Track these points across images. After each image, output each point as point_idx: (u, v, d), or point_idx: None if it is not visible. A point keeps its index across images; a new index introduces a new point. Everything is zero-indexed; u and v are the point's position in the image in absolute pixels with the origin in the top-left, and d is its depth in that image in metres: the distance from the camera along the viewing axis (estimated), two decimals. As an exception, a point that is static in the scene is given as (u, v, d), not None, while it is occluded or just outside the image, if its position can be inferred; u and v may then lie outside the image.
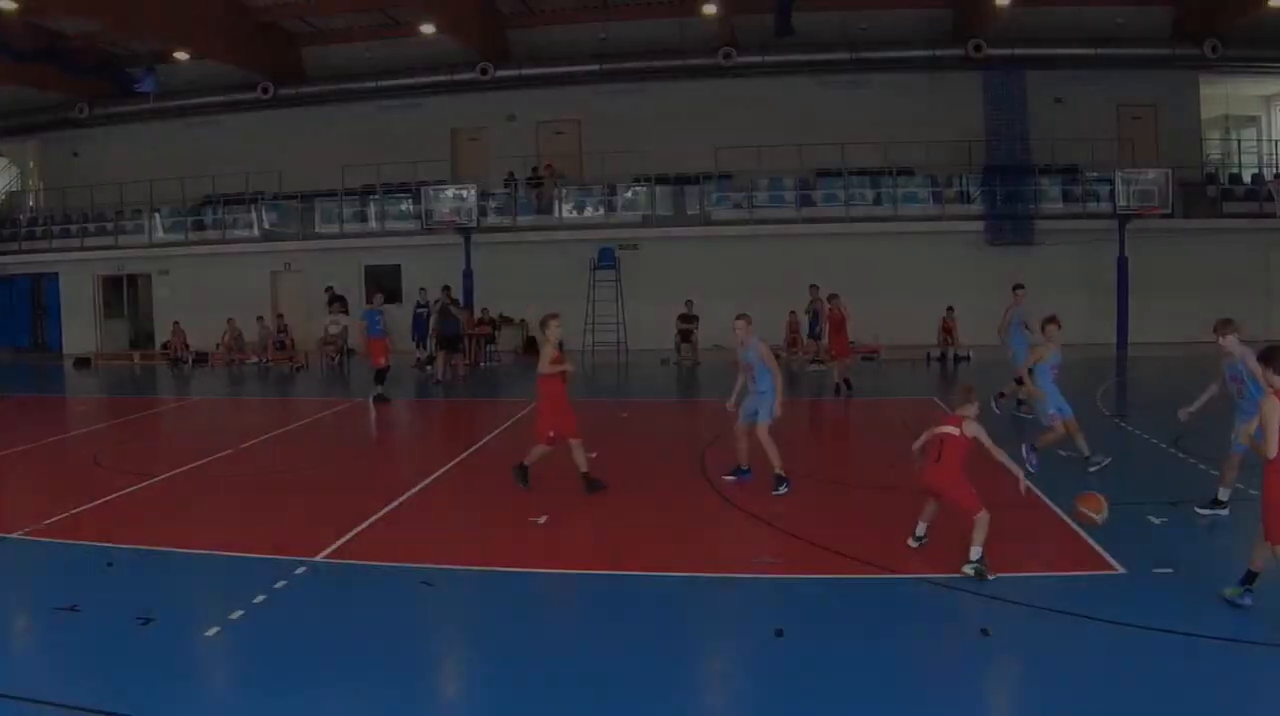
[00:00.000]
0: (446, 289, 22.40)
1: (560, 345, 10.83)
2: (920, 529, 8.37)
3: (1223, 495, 9.27)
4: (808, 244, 26.59)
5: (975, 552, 7.65)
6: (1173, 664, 6.30)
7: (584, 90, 27.40)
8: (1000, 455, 7.97)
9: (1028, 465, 9.40)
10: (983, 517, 7.67)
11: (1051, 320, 11.48)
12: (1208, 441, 12.52)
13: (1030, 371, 11.38)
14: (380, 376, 18.20)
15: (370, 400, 18.02)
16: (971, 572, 7.61)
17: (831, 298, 18.98)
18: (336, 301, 25.47)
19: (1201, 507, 9.38)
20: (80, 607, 7.19)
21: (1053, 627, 6.93)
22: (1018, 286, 16.92)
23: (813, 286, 23.07)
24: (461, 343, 23.18)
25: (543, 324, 10.81)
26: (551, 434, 10.53)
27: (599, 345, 26.02)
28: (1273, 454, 6.69)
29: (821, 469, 12.19)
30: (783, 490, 10.46)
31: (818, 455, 13.56)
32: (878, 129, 26.58)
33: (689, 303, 25.10)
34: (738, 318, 10.87)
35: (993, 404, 15.55)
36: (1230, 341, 9.08)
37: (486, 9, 26.71)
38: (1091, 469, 11.02)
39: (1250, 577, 6.92)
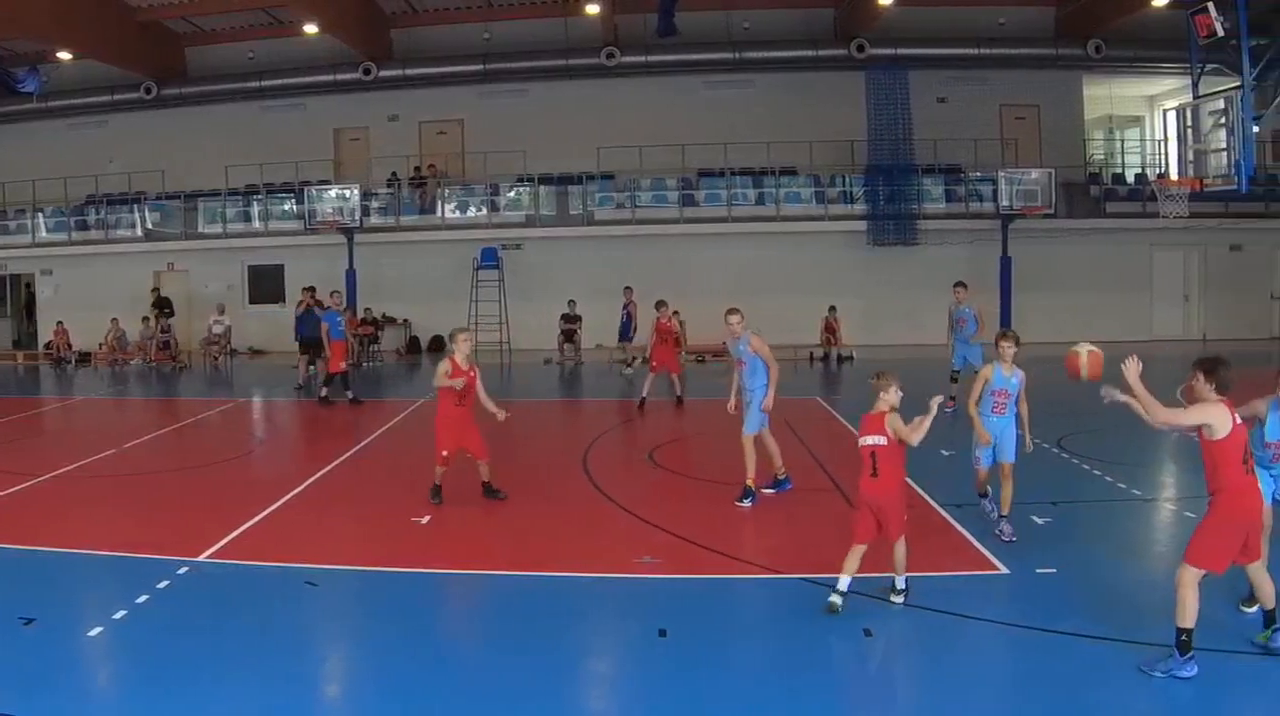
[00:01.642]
0: (309, 290, 22.25)
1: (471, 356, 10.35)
2: (844, 583, 7.02)
3: None
4: (690, 244, 26.59)
5: (903, 582, 7.23)
6: (1053, 663, 6.27)
7: (467, 90, 27.33)
8: (917, 432, 7.09)
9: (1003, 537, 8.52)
10: (903, 544, 7.19)
11: (1004, 336, 8.91)
12: (1092, 441, 12.67)
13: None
14: (340, 380, 17.93)
15: (319, 402, 17.95)
16: (902, 602, 7.16)
17: (659, 304, 17.83)
18: (162, 304, 25.38)
19: None
20: (-42, 609, 7.06)
21: (935, 627, 6.92)
22: (957, 284, 16.56)
23: (627, 288, 23.07)
24: (323, 346, 22.99)
25: (450, 338, 10.34)
26: (445, 453, 10.06)
27: (482, 345, 25.74)
28: (1158, 422, 6.28)
29: (702, 468, 12.08)
30: (746, 502, 9.87)
31: (698, 454, 13.45)
32: (761, 129, 26.55)
33: (571, 303, 25.02)
34: (730, 312, 10.07)
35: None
36: None
37: (369, 9, 26.63)
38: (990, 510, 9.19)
39: (1270, 617, 6.24)
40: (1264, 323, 27.24)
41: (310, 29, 25.48)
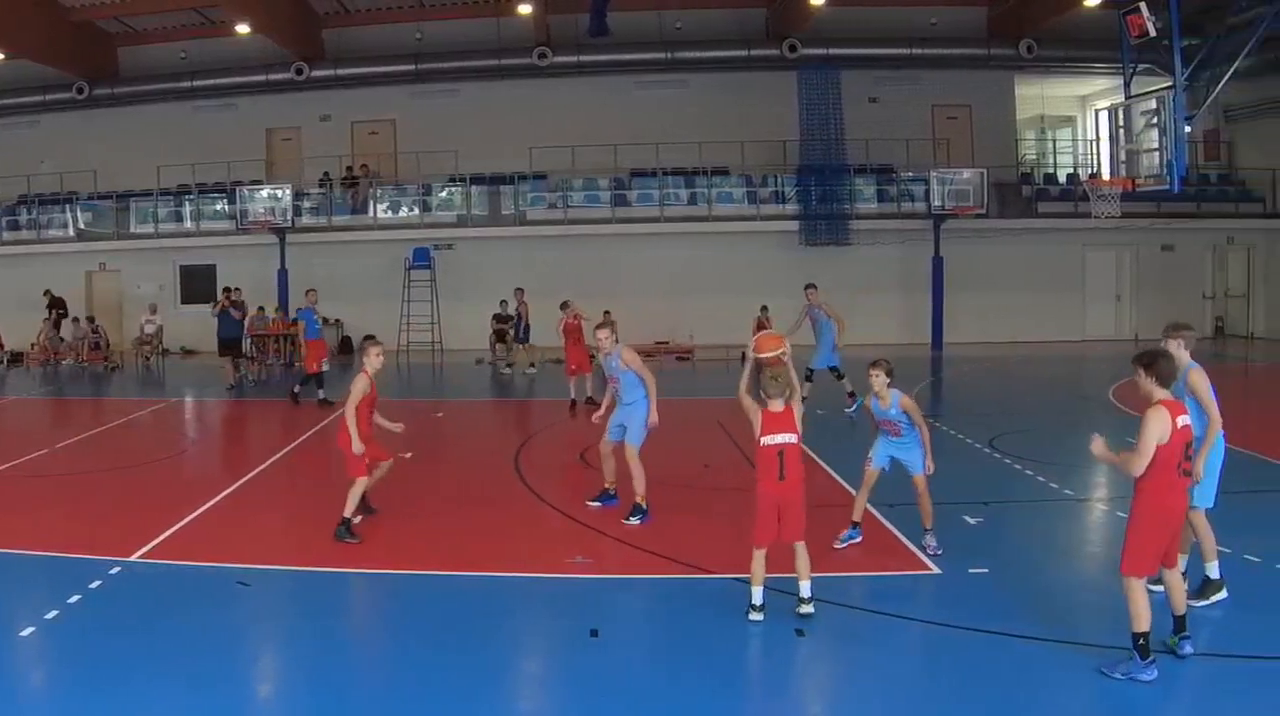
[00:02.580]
0: (227, 291, 22.18)
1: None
2: (758, 596, 6.86)
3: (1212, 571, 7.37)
4: (623, 244, 26.60)
5: (809, 590, 6.98)
6: (985, 663, 6.27)
7: (399, 90, 27.30)
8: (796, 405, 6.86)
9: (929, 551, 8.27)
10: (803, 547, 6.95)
11: (874, 366, 8.34)
12: (1023, 441, 12.72)
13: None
14: (315, 380, 17.70)
15: (289, 400, 17.83)
16: (812, 611, 6.93)
17: (564, 305, 17.83)
18: (56, 305, 25.36)
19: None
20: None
21: (867, 627, 6.93)
22: (808, 286, 16.48)
23: (518, 289, 23.14)
24: (242, 346, 22.92)
25: (362, 350, 9.72)
26: (366, 461, 9.46)
27: (414, 345, 25.93)
28: (1140, 471, 5.91)
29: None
30: (635, 520, 9.39)
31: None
32: (693, 129, 26.53)
33: (503, 303, 24.96)
34: (599, 327, 9.95)
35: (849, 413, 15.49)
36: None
37: (301, 9, 26.59)
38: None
39: (1179, 623, 6.21)
40: (1196, 322, 26.99)
41: (242, 29, 25.44)
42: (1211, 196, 27.32)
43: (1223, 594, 7.15)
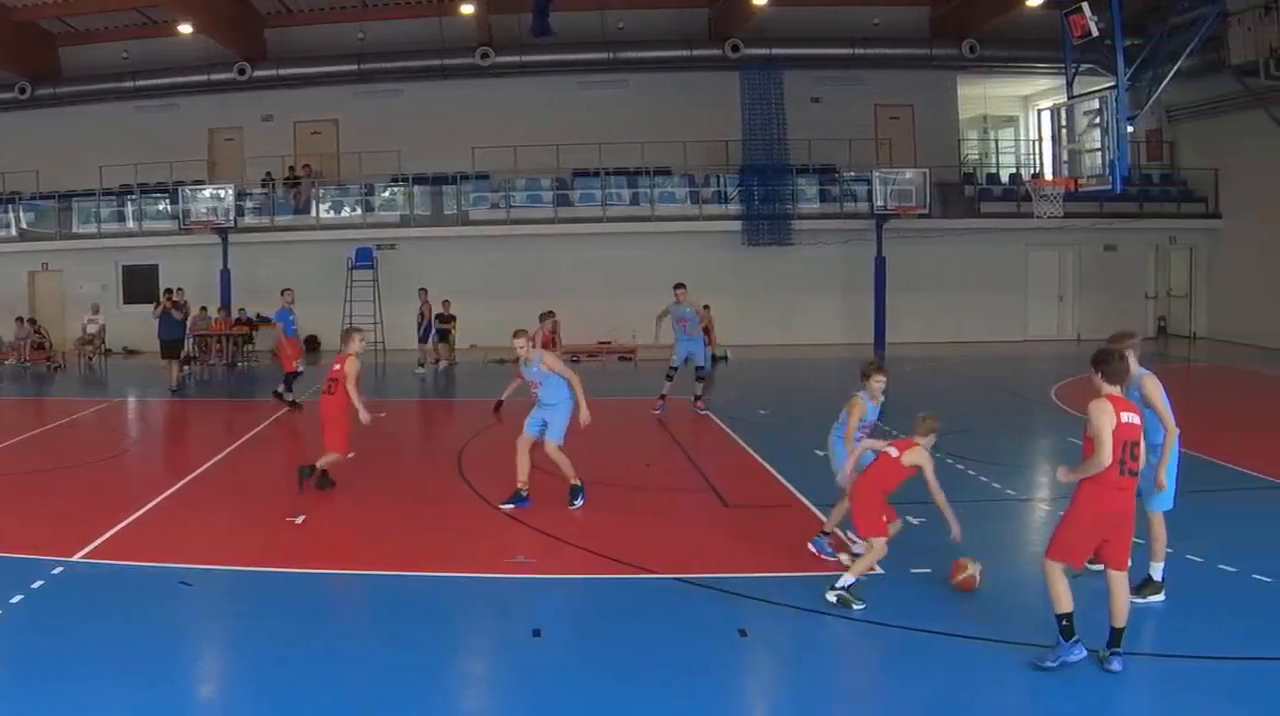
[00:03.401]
0: (169, 292, 22.16)
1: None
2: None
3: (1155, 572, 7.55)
4: (565, 244, 26.63)
5: (848, 580, 7.19)
6: (927, 662, 6.33)
7: (342, 90, 27.25)
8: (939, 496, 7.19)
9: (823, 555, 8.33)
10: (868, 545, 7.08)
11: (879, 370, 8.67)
12: (966, 442, 12.73)
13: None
14: (289, 380, 17.59)
15: (273, 398, 17.66)
16: (834, 600, 7.15)
17: (544, 316, 17.53)
18: None
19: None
20: None
21: (810, 627, 6.98)
22: (678, 285, 16.56)
23: (421, 289, 23.33)
24: (183, 347, 22.89)
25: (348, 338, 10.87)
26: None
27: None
28: (1107, 460, 5.97)
29: (577, 468, 12.03)
30: (579, 502, 10.03)
31: (572, 455, 13.44)
32: (636, 129, 26.52)
33: (445, 302, 24.97)
34: (515, 335, 10.15)
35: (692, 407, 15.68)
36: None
37: (244, 9, 26.55)
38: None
39: (1115, 637, 6.16)
40: (1139, 323, 27.23)
41: (185, 29, 25.34)
42: (1154, 196, 27.38)
43: (1160, 596, 7.26)
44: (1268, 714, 5.82)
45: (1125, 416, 6.02)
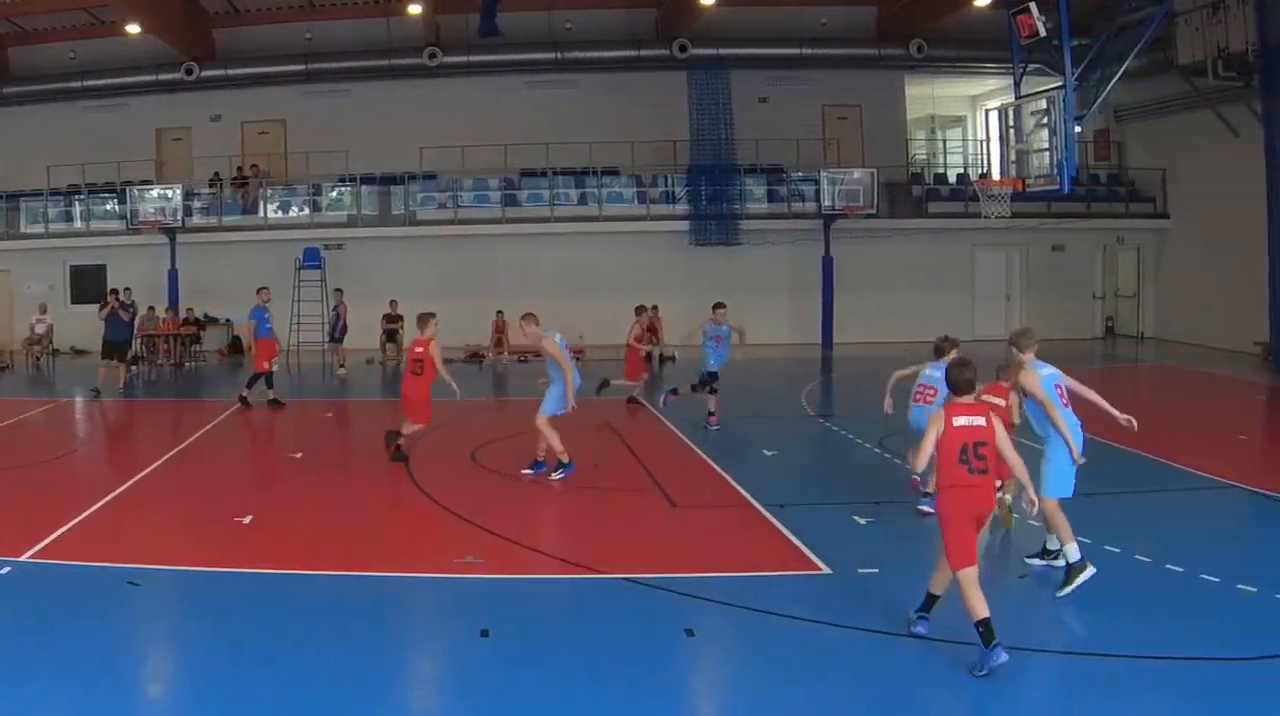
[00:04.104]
0: (114, 292, 22.13)
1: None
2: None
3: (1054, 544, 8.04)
4: (513, 244, 26.66)
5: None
6: (874, 662, 6.39)
7: (289, 90, 27.22)
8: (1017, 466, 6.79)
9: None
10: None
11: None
12: (911, 441, 12.67)
13: None
14: (265, 379, 17.59)
15: (239, 400, 17.51)
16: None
17: (639, 309, 18.65)
18: None
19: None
20: None
21: (756, 627, 7.00)
22: (717, 305, 16.42)
23: (337, 289, 23.49)
24: (131, 348, 22.89)
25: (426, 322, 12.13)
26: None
27: (305, 345, 25.85)
28: (920, 466, 6.72)
29: (524, 468, 12.11)
30: (558, 475, 11.09)
31: (521, 454, 13.29)
32: (583, 129, 26.52)
33: (393, 303, 25.01)
34: (524, 318, 11.43)
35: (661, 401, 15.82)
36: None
37: (192, 9, 26.50)
38: None
39: (928, 601, 6.69)
40: (1086, 323, 27.49)
41: (133, 29, 25.33)
42: (1101, 196, 27.43)
43: (1089, 571, 7.38)
44: (1216, 713, 5.85)
45: (960, 421, 6.37)
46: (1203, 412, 17.14)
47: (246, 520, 9.55)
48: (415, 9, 25.21)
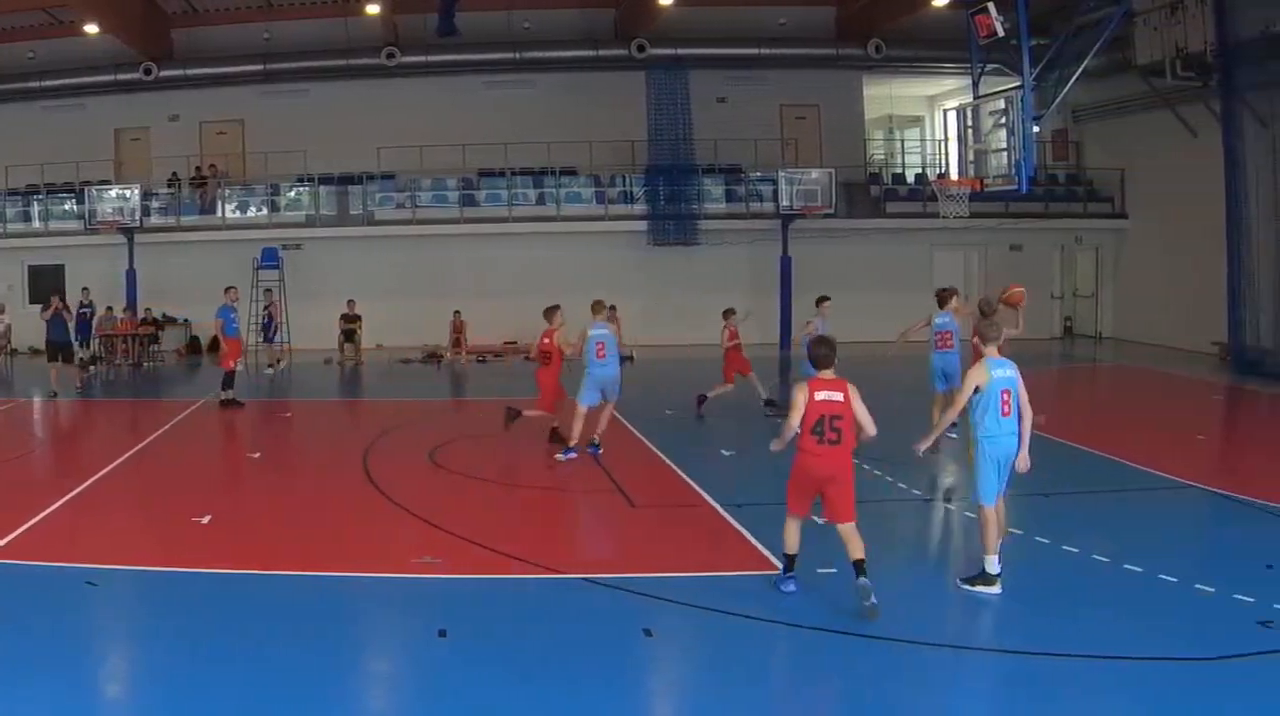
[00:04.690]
0: (57, 291, 22.10)
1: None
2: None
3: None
4: (471, 244, 26.68)
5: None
6: (831, 662, 6.42)
7: (248, 90, 27.20)
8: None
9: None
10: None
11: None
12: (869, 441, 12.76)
13: None
14: (229, 380, 17.56)
15: (221, 406, 17.47)
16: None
17: (727, 313, 17.82)
18: None
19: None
20: None
21: (714, 626, 7.03)
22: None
23: (267, 290, 23.69)
24: (72, 350, 22.85)
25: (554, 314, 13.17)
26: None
27: (262, 345, 25.87)
28: (791, 431, 7.33)
29: (483, 468, 12.22)
30: (565, 457, 12.00)
31: (479, 454, 13.49)
32: (542, 129, 26.49)
33: (351, 302, 25.03)
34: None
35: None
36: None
37: (150, 9, 26.51)
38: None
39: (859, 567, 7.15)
40: (1044, 322, 27.43)
41: (91, 29, 25.38)
42: (1059, 196, 27.45)
43: (992, 589, 7.46)
44: (1175, 713, 5.88)
45: (821, 395, 7.18)
46: (1161, 413, 17.20)
47: (205, 520, 9.56)
48: (374, 9, 25.22)
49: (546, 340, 13.03)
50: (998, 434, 7.52)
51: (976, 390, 7.55)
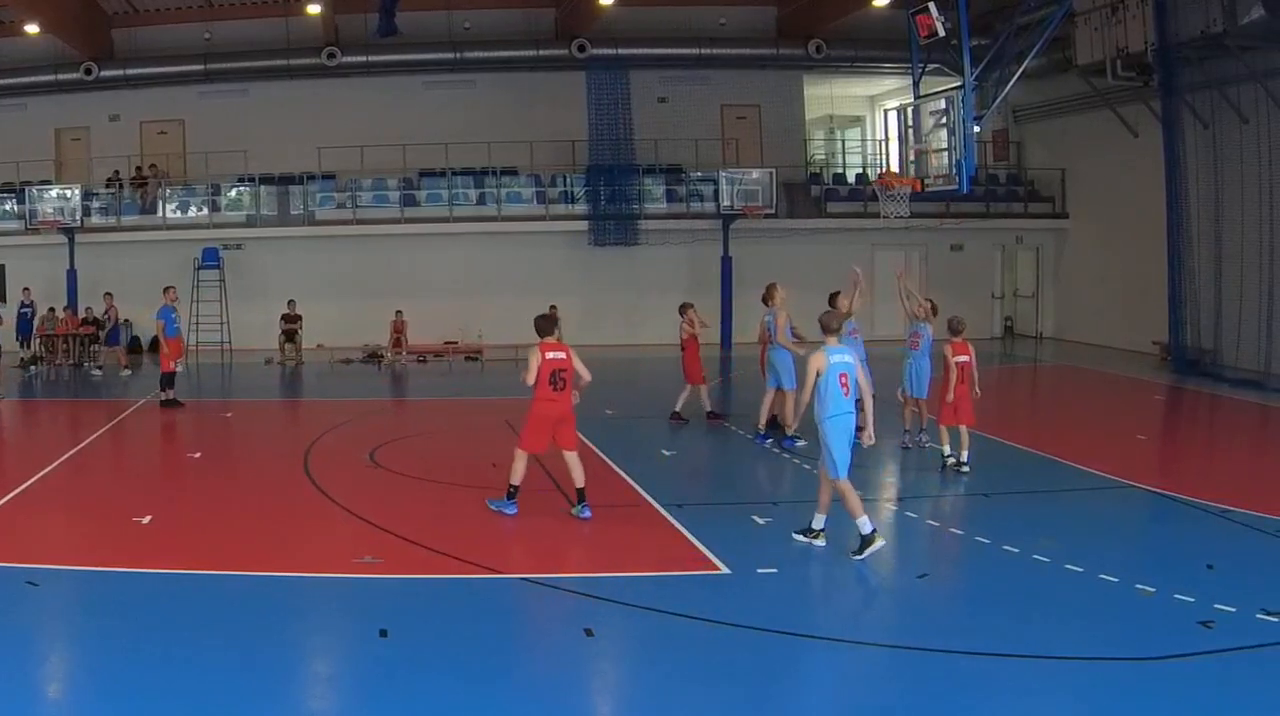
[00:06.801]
0: None
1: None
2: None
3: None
4: (412, 244, 26.69)
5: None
6: (773, 662, 6.42)
7: (188, 90, 27.15)
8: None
9: None
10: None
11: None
12: (811, 442, 12.60)
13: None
14: (169, 380, 17.57)
15: (162, 407, 17.44)
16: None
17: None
18: None
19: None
20: None
21: (656, 627, 7.06)
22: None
23: (106, 294, 23.80)
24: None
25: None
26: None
27: (203, 345, 25.87)
28: (529, 382, 9.42)
29: (423, 468, 12.21)
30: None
31: (419, 454, 13.50)
32: (482, 129, 26.59)
33: (291, 303, 25.03)
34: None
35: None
36: None
37: (91, 9, 26.46)
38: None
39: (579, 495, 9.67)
40: (985, 322, 27.50)
41: (31, 29, 25.31)
42: (1000, 197, 27.52)
43: (818, 542, 8.60)
44: (1117, 713, 5.89)
45: (550, 355, 9.38)
46: (1102, 413, 17.24)
47: (146, 520, 9.57)
48: (314, 9, 25.17)
49: (688, 328, 15.49)
50: (838, 413, 8.31)
51: (818, 375, 8.28)
